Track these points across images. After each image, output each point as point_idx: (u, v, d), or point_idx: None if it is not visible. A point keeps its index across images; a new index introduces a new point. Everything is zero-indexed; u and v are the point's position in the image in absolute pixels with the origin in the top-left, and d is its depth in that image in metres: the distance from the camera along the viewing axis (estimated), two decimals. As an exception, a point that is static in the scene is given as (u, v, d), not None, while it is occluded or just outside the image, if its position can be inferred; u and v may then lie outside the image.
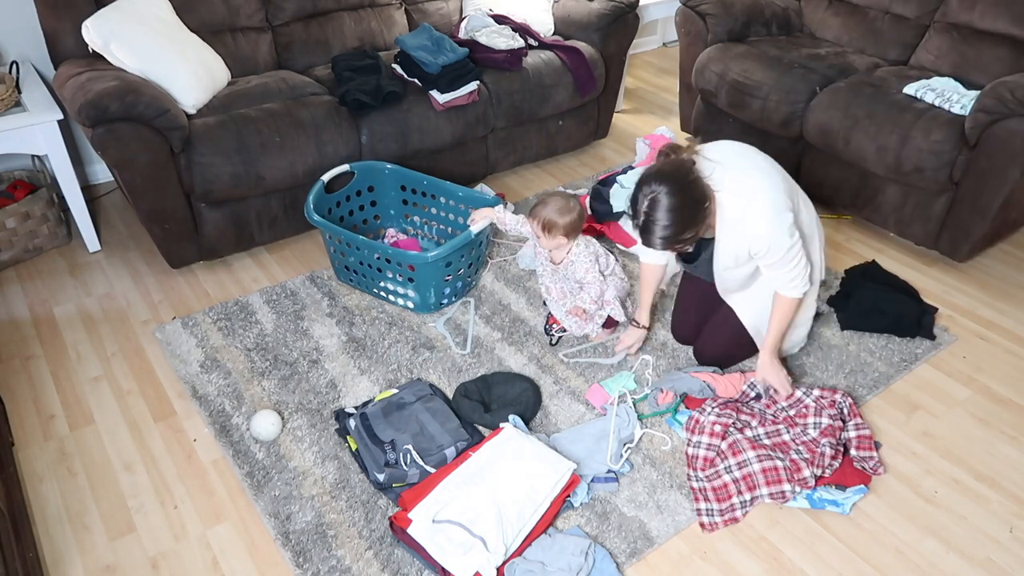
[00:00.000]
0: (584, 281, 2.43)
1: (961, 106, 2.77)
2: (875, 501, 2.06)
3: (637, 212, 1.91)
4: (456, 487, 1.95)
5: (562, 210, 2.32)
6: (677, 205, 1.86)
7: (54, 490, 2.08)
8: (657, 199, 1.86)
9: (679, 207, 1.87)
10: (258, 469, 2.11)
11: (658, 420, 2.27)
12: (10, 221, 2.84)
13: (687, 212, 1.89)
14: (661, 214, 1.87)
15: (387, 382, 2.40)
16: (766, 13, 3.61)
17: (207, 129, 2.68)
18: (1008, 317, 2.72)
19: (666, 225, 1.88)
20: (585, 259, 2.41)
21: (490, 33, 3.34)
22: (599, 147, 3.87)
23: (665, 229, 1.89)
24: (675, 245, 1.96)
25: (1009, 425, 2.29)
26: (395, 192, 2.99)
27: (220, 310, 2.70)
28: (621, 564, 1.88)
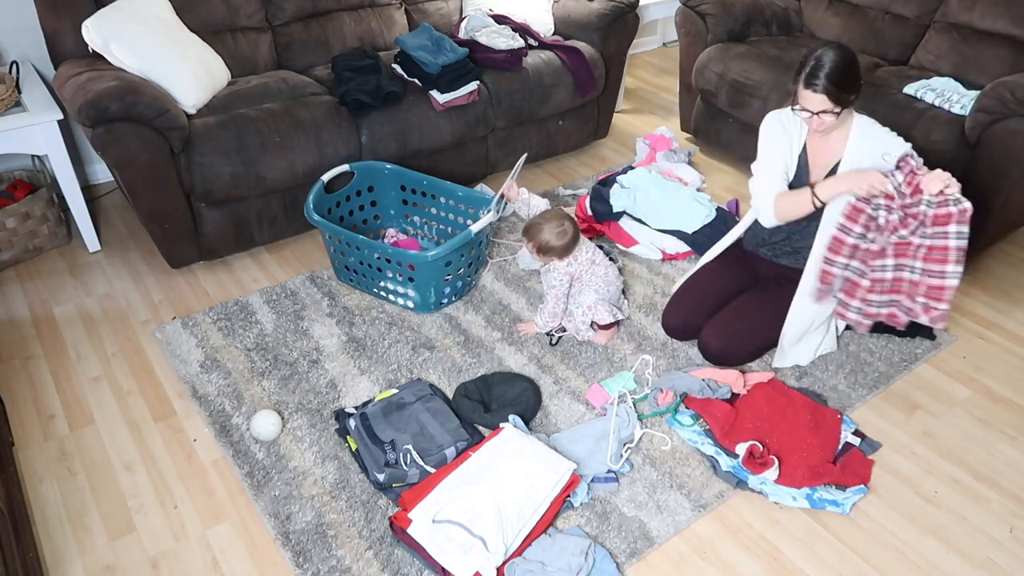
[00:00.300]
0: (546, 294, 2.51)
1: (961, 106, 2.77)
2: (875, 501, 2.06)
3: (805, 62, 2.12)
4: (456, 487, 1.95)
5: (559, 235, 2.39)
6: (845, 58, 2.10)
7: (54, 490, 2.08)
8: (828, 51, 2.10)
9: (846, 59, 2.10)
10: (258, 469, 2.11)
11: (658, 420, 2.27)
12: (10, 221, 2.84)
13: (851, 68, 2.10)
14: (830, 60, 2.08)
15: (387, 382, 2.40)
16: (766, 13, 3.62)
17: (207, 129, 2.68)
18: (1008, 317, 2.72)
19: (834, 68, 2.07)
20: (557, 275, 2.47)
21: (490, 33, 3.34)
22: (599, 147, 3.87)
23: (833, 72, 2.07)
24: (833, 92, 2.08)
25: (1009, 425, 2.29)
26: (395, 192, 3.00)
27: (220, 310, 2.70)
28: (621, 564, 1.88)
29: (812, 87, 2.10)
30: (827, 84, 2.08)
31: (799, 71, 2.13)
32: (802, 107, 2.15)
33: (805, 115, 2.17)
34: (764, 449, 2.10)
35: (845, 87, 2.10)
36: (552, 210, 2.50)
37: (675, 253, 2.98)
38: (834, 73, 2.07)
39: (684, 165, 3.41)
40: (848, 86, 2.10)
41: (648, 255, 2.98)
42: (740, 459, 2.09)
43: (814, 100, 2.11)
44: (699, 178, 3.37)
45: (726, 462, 2.11)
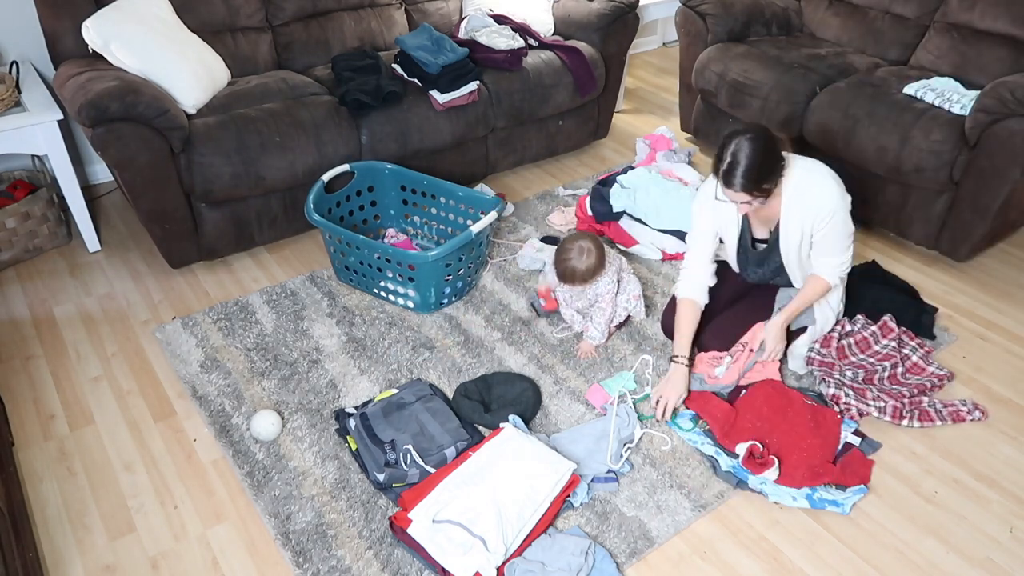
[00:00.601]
0: (600, 297, 2.48)
1: (961, 106, 2.77)
2: (875, 501, 2.06)
3: (722, 157, 2.06)
4: (456, 487, 1.95)
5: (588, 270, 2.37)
6: (760, 150, 2.04)
7: (54, 490, 2.08)
8: (743, 144, 2.03)
9: (762, 152, 2.04)
10: (258, 469, 2.11)
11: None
12: (10, 221, 2.84)
13: (769, 158, 2.06)
14: (745, 156, 2.03)
15: (387, 382, 2.40)
16: (766, 13, 3.62)
17: (207, 129, 2.68)
18: (1008, 317, 2.72)
19: (749, 167, 2.02)
20: (608, 279, 2.46)
21: (490, 33, 3.34)
22: (599, 147, 3.87)
23: (748, 171, 2.03)
24: (752, 191, 2.06)
25: (1009, 425, 2.29)
26: (395, 192, 3.00)
27: (220, 310, 2.70)
28: (621, 564, 1.88)
29: (731, 186, 2.06)
30: (744, 183, 2.03)
31: (716, 164, 2.08)
32: (727, 198, 2.13)
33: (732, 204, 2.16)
34: (764, 449, 2.10)
35: (764, 179, 2.05)
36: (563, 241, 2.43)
37: (675, 253, 2.98)
38: (749, 171, 2.02)
39: (684, 165, 3.41)
40: (767, 177, 2.06)
41: (648, 255, 2.98)
42: (740, 459, 2.09)
43: (735, 196, 2.09)
44: (699, 178, 3.36)
45: (726, 462, 2.11)
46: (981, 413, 2.28)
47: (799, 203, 2.17)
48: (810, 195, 2.16)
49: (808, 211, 2.17)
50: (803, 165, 2.20)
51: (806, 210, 2.17)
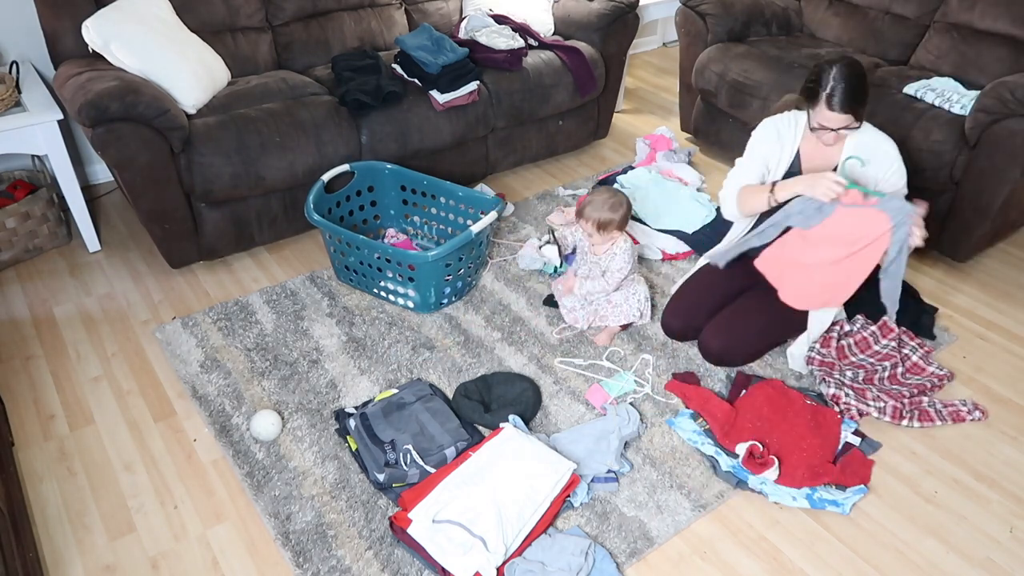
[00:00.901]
0: (609, 271, 2.49)
1: (961, 106, 2.77)
2: (875, 501, 2.06)
3: (822, 81, 2.11)
4: (456, 487, 1.95)
5: (613, 206, 2.42)
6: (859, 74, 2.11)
7: (54, 490, 2.08)
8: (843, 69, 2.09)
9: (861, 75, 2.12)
10: (258, 469, 2.11)
11: (658, 420, 2.27)
12: (10, 221, 2.84)
13: (865, 82, 2.13)
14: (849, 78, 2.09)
15: (387, 382, 2.40)
16: (766, 13, 3.62)
17: (207, 129, 2.68)
18: (1008, 317, 2.72)
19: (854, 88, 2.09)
20: (626, 255, 2.48)
21: (490, 33, 3.34)
22: (599, 147, 3.87)
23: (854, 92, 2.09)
24: (857, 110, 2.12)
25: (1009, 425, 2.29)
26: (395, 192, 3.00)
27: (220, 310, 2.70)
28: (621, 564, 1.88)
29: (835, 108, 2.10)
30: (851, 103, 2.09)
31: (815, 90, 2.12)
32: (821, 126, 2.15)
33: (823, 132, 2.17)
34: (764, 449, 2.10)
35: (864, 102, 2.13)
36: (600, 189, 2.53)
37: (675, 253, 2.98)
38: (854, 91, 2.09)
39: (684, 165, 3.41)
40: (865, 100, 2.13)
41: (648, 255, 2.98)
42: (740, 459, 2.09)
43: (837, 119, 2.12)
44: (699, 178, 3.37)
45: (726, 462, 2.11)
46: (981, 413, 2.28)
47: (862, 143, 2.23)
48: (875, 150, 2.23)
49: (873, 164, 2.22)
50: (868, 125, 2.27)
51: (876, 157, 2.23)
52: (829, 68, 2.10)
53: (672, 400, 2.34)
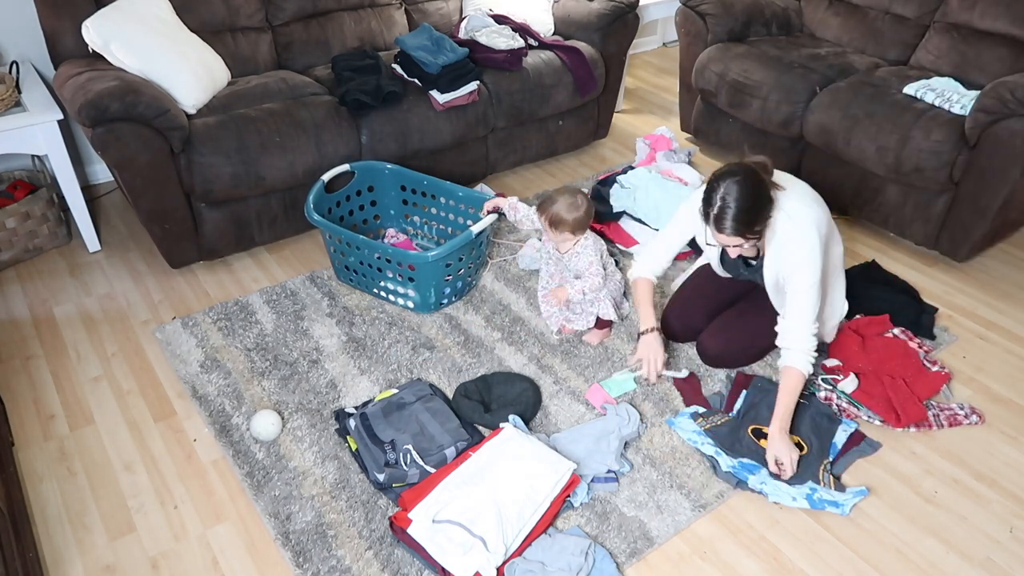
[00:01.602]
0: (584, 274, 2.46)
1: (961, 106, 2.77)
2: (875, 501, 2.06)
3: (711, 201, 2.02)
4: (456, 487, 1.95)
5: (570, 207, 2.37)
6: (750, 192, 1.99)
7: (54, 490, 2.08)
8: (731, 187, 1.99)
9: (752, 194, 2.00)
10: (258, 469, 2.11)
11: (658, 420, 2.27)
12: (10, 221, 2.84)
13: (758, 200, 2.02)
14: (734, 199, 1.98)
15: (387, 382, 2.40)
16: (766, 13, 3.61)
17: (207, 129, 2.68)
18: (1008, 317, 2.72)
19: (740, 209, 1.98)
20: (590, 252, 2.45)
21: (490, 33, 3.34)
22: (599, 147, 3.87)
23: (739, 214, 1.99)
24: (745, 233, 2.03)
25: (1009, 425, 2.29)
26: (395, 192, 2.99)
27: (220, 310, 2.70)
28: (621, 564, 1.88)
29: (723, 231, 2.03)
30: (736, 226, 2.00)
31: (706, 210, 2.04)
32: (717, 242, 2.12)
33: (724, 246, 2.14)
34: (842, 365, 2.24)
35: (756, 221, 2.02)
36: (569, 187, 2.49)
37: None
38: (740, 214, 1.98)
39: (684, 165, 3.41)
40: (759, 218, 2.03)
41: (648, 255, 2.98)
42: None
43: (729, 240, 2.07)
44: (699, 178, 3.36)
45: (726, 462, 2.11)
46: (978, 417, 2.28)
47: (779, 250, 2.13)
48: (787, 249, 2.11)
49: (786, 258, 2.12)
50: (788, 210, 2.10)
51: (783, 261, 2.13)
52: (718, 186, 2.00)
53: (672, 401, 2.34)
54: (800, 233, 2.08)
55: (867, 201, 3.04)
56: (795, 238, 2.09)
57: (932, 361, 2.44)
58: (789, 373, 2.13)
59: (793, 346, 2.13)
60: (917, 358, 2.42)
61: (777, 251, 2.15)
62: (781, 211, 2.10)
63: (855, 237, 3.14)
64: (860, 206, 3.09)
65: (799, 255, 2.09)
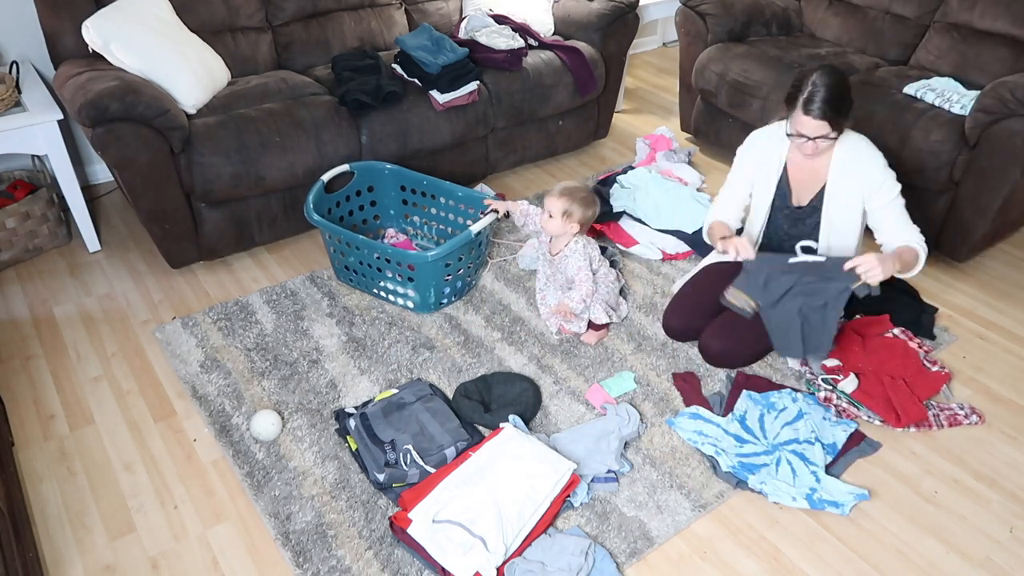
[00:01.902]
0: (576, 279, 2.46)
1: (961, 106, 2.77)
2: (875, 501, 2.06)
3: (802, 86, 2.10)
4: (456, 487, 1.95)
5: (586, 203, 2.43)
6: (840, 82, 2.10)
7: (54, 490, 2.08)
8: (824, 75, 2.08)
9: (842, 83, 2.11)
10: (258, 469, 2.11)
11: (658, 420, 2.27)
12: (10, 221, 2.84)
13: (847, 92, 2.11)
14: (827, 85, 2.07)
15: (387, 382, 2.40)
16: (766, 13, 3.62)
17: (207, 129, 2.68)
18: (1008, 317, 2.72)
19: (832, 94, 2.07)
20: (579, 256, 2.46)
21: (490, 33, 3.34)
22: (599, 147, 3.87)
23: (831, 98, 2.07)
24: (832, 119, 2.09)
25: (1009, 425, 2.29)
26: (395, 192, 2.99)
27: (220, 310, 2.70)
28: (621, 564, 1.88)
29: (811, 113, 2.08)
30: (827, 110, 2.07)
31: (794, 96, 2.11)
32: (798, 132, 2.14)
33: (801, 140, 2.16)
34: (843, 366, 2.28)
35: (843, 111, 2.10)
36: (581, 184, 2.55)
37: (675, 253, 2.98)
38: (832, 98, 2.07)
39: (684, 165, 3.41)
40: (845, 110, 2.11)
41: (648, 255, 2.98)
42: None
43: (813, 126, 2.10)
44: (699, 178, 3.37)
45: (726, 462, 2.11)
46: (978, 417, 2.28)
47: (851, 168, 2.21)
48: (861, 163, 2.21)
49: (859, 178, 2.21)
50: (855, 136, 2.24)
51: (858, 177, 2.21)
52: (811, 74, 2.09)
53: (672, 401, 2.34)
54: (871, 150, 2.20)
55: (867, 201, 3.04)
56: (868, 152, 2.20)
57: (932, 361, 2.44)
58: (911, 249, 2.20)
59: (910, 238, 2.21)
60: (917, 358, 2.42)
61: (845, 171, 2.21)
62: (849, 134, 2.21)
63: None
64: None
65: (877, 165, 2.19)
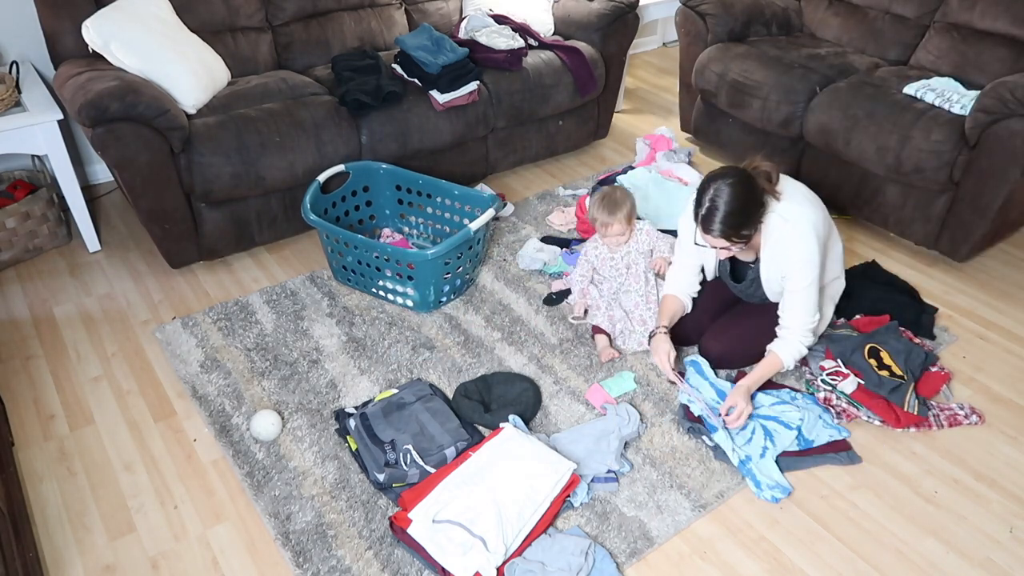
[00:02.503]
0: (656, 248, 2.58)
1: (961, 106, 2.77)
2: (875, 501, 2.06)
3: (701, 201, 2.04)
4: (456, 487, 1.95)
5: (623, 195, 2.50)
6: (740, 196, 2.00)
7: (54, 490, 2.08)
8: (722, 188, 2.00)
9: (742, 198, 2.01)
10: (258, 469, 2.11)
11: (658, 420, 2.27)
12: (10, 221, 2.84)
13: (748, 204, 2.03)
14: (724, 202, 2.00)
15: (387, 382, 2.40)
16: (766, 13, 3.61)
17: (207, 129, 2.68)
18: (1008, 317, 2.72)
19: (728, 212, 2.00)
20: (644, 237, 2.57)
21: (490, 33, 3.34)
22: (599, 147, 3.87)
23: (727, 216, 2.00)
24: (731, 236, 2.04)
25: (1009, 425, 2.29)
26: (390, 192, 2.99)
27: (220, 310, 2.70)
28: (621, 564, 1.88)
29: (710, 232, 2.05)
30: (723, 228, 2.02)
31: (696, 209, 2.06)
32: (706, 244, 2.13)
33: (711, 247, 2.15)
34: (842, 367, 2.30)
35: (743, 226, 2.03)
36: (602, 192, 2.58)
37: (675, 253, 2.97)
38: (728, 217, 2.00)
39: (684, 165, 3.41)
40: (746, 223, 2.04)
41: (648, 255, 2.98)
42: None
43: (715, 242, 2.08)
44: (699, 178, 3.37)
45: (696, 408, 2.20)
46: (978, 417, 2.28)
47: (777, 248, 2.15)
48: (785, 248, 2.13)
49: (782, 258, 2.15)
50: (784, 213, 2.11)
51: (781, 260, 2.16)
52: (709, 186, 2.02)
53: (672, 401, 2.34)
54: (797, 234, 2.10)
55: (867, 201, 3.04)
56: (792, 240, 2.10)
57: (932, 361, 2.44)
58: (772, 357, 2.22)
59: (786, 337, 2.20)
60: None
61: (773, 253, 2.17)
62: (776, 214, 2.11)
63: (855, 237, 3.14)
64: (860, 206, 3.09)
65: (795, 256, 2.11)
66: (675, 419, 2.28)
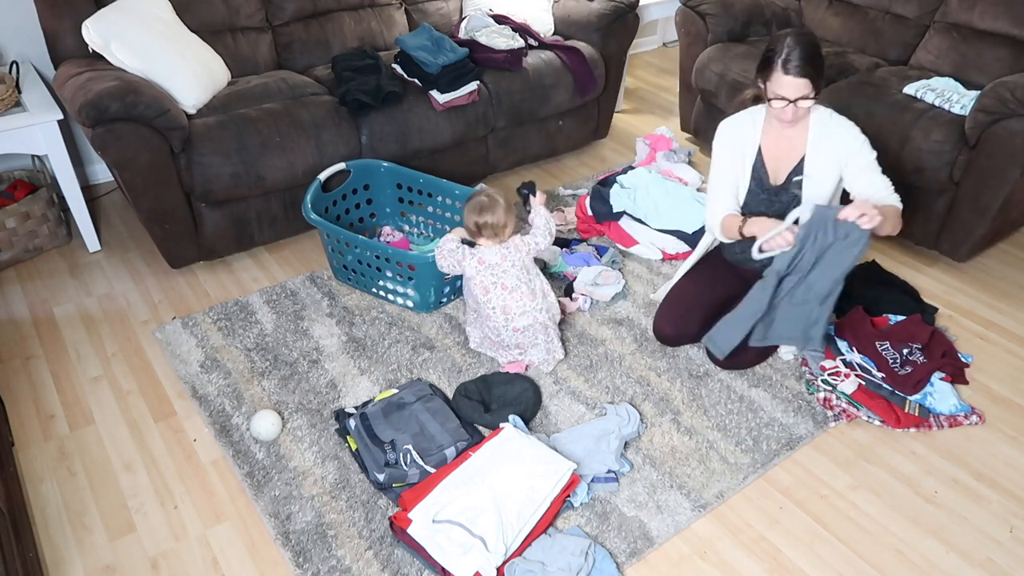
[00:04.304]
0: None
1: (961, 106, 2.77)
2: (875, 501, 2.06)
3: (778, 49, 2.12)
4: (456, 487, 1.95)
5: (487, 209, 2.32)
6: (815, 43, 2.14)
7: (54, 490, 2.08)
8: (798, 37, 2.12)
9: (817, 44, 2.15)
10: (258, 469, 2.11)
11: (658, 420, 2.27)
12: (10, 221, 2.84)
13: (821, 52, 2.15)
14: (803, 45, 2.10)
15: (387, 382, 2.40)
16: (766, 13, 3.61)
17: (207, 129, 2.68)
18: (1008, 317, 2.72)
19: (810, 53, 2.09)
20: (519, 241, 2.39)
21: (490, 33, 3.34)
22: (599, 147, 3.87)
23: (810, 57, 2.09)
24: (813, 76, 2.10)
25: (1009, 425, 2.29)
26: (391, 190, 2.99)
27: (220, 310, 2.70)
28: (621, 564, 1.88)
29: (791, 72, 2.09)
30: (807, 68, 2.09)
31: (770, 59, 2.13)
32: (778, 96, 2.14)
33: (781, 105, 2.15)
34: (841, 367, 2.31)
35: (820, 70, 2.13)
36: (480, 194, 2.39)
37: (675, 253, 2.98)
38: (810, 56, 2.09)
39: (684, 165, 3.41)
40: (821, 69, 2.14)
41: (648, 255, 2.98)
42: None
43: (794, 85, 2.09)
44: (699, 178, 3.37)
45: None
46: (978, 417, 2.28)
47: (829, 135, 2.23)
48: (839, 128, 2.23)
49: (838, 141, 2.23)
50: (823, 108, 2.28)
51: (835, 143, 2.23)
52: (783, 37, 2.12)
53: (672, 401, 2.34)
54: (845, 121, 2.24)
55: (867, 201, 3.04)
56: (843, 126, 2.23)
57: None
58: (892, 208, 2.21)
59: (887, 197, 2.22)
60: None
61: (821, 143, 2.24)
62: (820, 109, 2.25)
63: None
64: (860, 206, 3.08)
65: (851, 136, 2.22)
66: (675, 419, 2.28)
